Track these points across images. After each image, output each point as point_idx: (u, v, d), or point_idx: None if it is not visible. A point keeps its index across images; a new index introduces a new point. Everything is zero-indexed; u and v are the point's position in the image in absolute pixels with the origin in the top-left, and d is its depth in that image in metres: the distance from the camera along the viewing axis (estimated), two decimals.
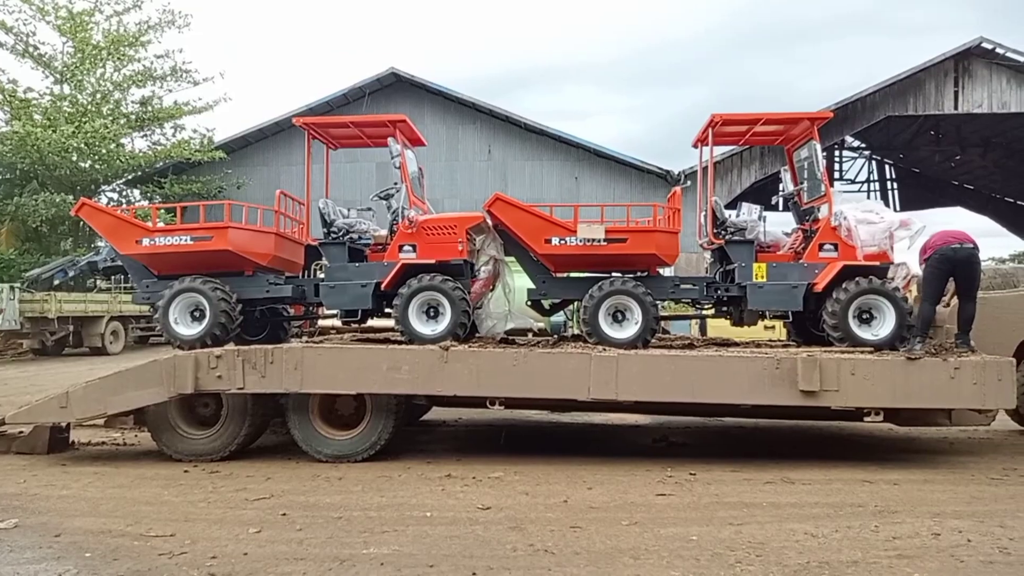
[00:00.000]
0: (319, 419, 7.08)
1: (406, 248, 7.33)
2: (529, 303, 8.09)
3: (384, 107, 23.49)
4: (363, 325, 8.43)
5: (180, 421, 7.15)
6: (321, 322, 9.46)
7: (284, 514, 5.29)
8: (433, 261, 7.24)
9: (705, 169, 8.24)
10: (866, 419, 6.82)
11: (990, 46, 21.12)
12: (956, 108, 21.87)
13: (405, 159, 7.55)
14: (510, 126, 24.75)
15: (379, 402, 6.98)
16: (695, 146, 8.50)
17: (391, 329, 7.97)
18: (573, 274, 7.90)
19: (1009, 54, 21.11)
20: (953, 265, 6.90)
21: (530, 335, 9.57)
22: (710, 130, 7.90)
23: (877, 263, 7.14)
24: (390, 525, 5.02)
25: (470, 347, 7.00)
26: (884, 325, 7.01)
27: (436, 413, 9.51)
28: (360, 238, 7.92)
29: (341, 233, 7.74)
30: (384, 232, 7.86)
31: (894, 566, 4.23)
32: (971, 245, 6.91)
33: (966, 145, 27.84)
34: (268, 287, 7.62)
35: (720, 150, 21.08)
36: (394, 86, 25.04)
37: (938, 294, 7.05)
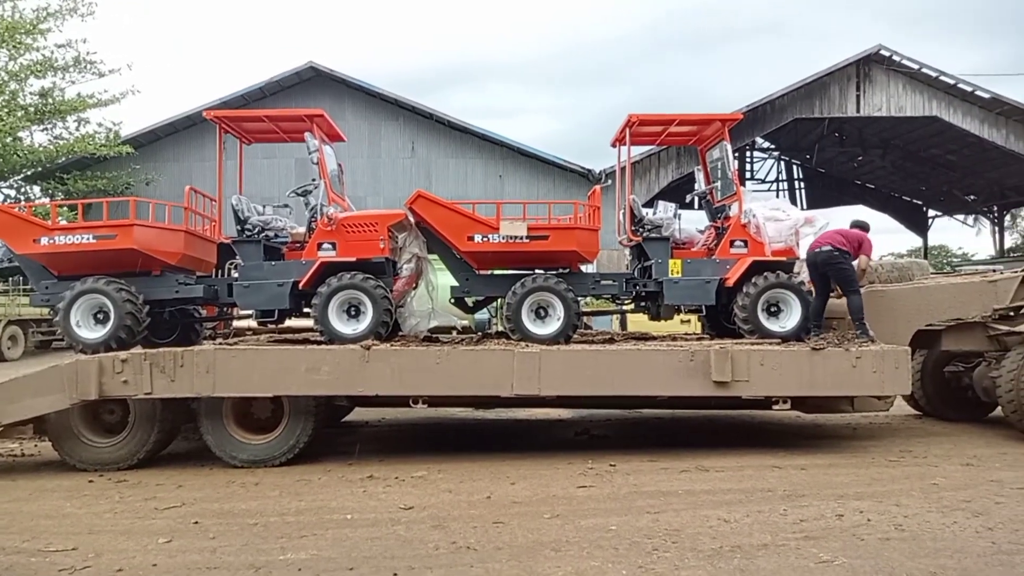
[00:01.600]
0: (233, 423, 6.85)
1: (325, 246, 7.19)
2: (452, 300, 8.09)
3: (303, 102, 22.87)
4: (280, 325, 8.22)
5: (84, 429, 6.79)
6: (236, 323, 9.15)
7: (196, 522, 5.10)
8: (354, 259, 7.13)
9: (623, 168, 8.42)
10: (775, 407, 7.13)
11: (888, 53, 22.38)
12: (858, 111, 23.06)
13: (323, 154, 7.40)
14: (434, 123, 24.56)
15: (297, 404, 6.82)
16: (613, 145, 8.68)
17: (310, 329, 7.80)
18: (496, 271, 7.94)
19: (905, 61, 22.42)
20: (815, 267, 7.28)
21: (454, 333, 9.54)
22: (627, 130, 8.09)
23: (784, 259, 7.49)
24: (309, 529, 4.91)
25: (392, 346, 6.93)
26: (791, 317, 7.36)
27: (359, 414, 9.37)
28: (276, 236, 7.72)
29: (256, 231, 7.53)
30: (302, 229, 7.68)
31: (801, 547, 4.43)
32: (828, 247, 7.23)
33: (867, 146, 29.46)
34: (178, 287, 7.33)
35: (639, 150, 21.53)
36: (313, 80, 24.42)
37: (817, 291, 7.38)
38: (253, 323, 8.65)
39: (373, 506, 5.45)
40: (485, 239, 7.34)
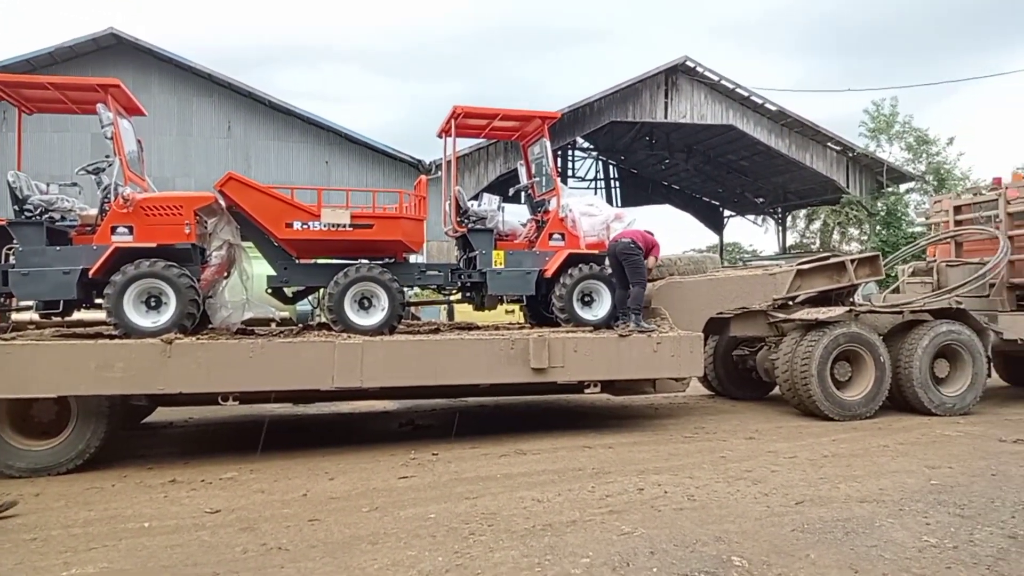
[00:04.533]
0: (9, 428, 6.05)
1: (120, 230, 6.55)
2: (269, 291, 7.71)
3: (102, 72, 20.57)
4: (67, 318, 7.38)
5: None
6: (15, 316, 8.09)
7: None
8: (154, 245, 6.56)
9: (450, 161, 8.48)
10: (587, 391, 7.58)
11: (692, 64, 24.40)
12: (666, 117, 24.94)
13: (119, 129, 6.72)
14: (254, 103, 23.17)
15: (87, 405, 6.17)
16: (439, 136, 8.71)
17: (103, 323, 7.08)
18: (318, 260, 7.68)
19: (707, 73, 24.59)
20: (614, 256, 7.84)
21: (272, 325, 9.14)
22: (453, 121, 8.14)
23: (597, 251, 7.94)
24: (99, 541, 4.46)
25: (198, 339, 6.47)
26: (602, 307, 7.84)
27: (162, 414, 8.67)
28: (63, 217, 6.91)
29: (37, 211, 6.69)
30: (93, 211, 6.93)
31: (606, 521, 4.73)
32: (627, 240, 7.76)
33: (673, 150, 32.00)
34: None
35: (470, 143, 21.84)
36: (114, 49, 22.07)
37: (618, 281, 7.84)
38: (35, 315, 7.69)
39: (175, 512, 5.06)
40: (305, 227, 7.07)
